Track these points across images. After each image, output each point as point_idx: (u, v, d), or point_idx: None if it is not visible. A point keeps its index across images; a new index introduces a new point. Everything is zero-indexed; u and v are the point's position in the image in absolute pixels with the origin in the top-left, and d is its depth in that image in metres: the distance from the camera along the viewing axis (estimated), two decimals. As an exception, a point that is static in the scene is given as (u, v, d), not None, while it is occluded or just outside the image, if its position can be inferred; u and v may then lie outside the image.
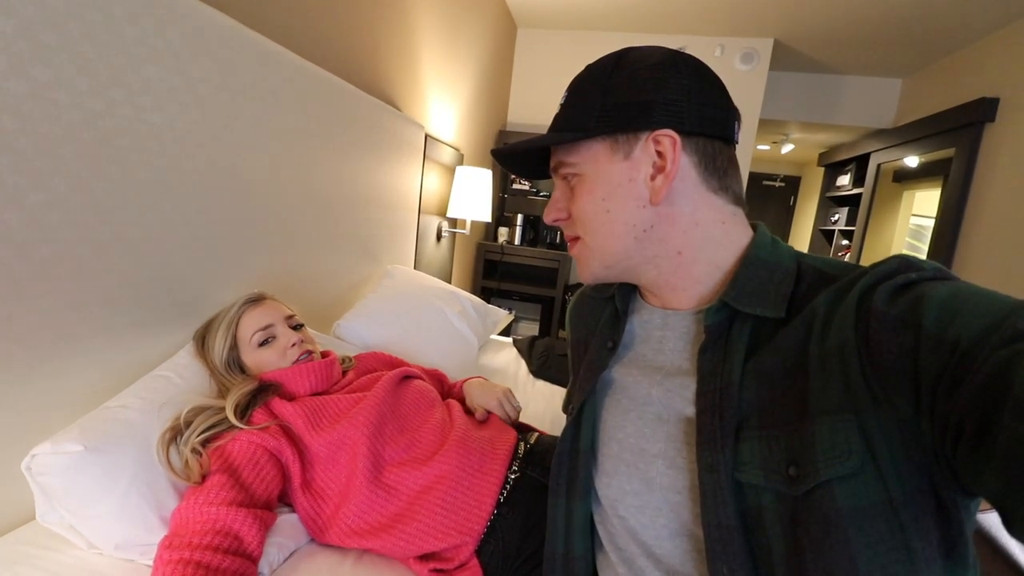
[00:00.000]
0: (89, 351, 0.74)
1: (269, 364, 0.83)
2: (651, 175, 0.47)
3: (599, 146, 0.49)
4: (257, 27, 0.99)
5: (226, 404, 0.74)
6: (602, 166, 0.48)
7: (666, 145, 0.46)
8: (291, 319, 0.89)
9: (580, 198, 0.50)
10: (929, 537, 0.35)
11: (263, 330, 0.84)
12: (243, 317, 0.84)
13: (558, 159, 0.52)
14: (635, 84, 0.47)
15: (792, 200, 5.30)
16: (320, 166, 1.24)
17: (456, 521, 0.70)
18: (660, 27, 2.90)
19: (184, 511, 0.62)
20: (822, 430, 0.38)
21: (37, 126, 0.63)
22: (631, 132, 0.47)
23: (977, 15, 2.30)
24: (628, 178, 0.48)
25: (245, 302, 0.86)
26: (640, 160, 0.47)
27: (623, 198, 0.48)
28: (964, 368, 0.31)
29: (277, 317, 0.86)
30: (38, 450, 0.62)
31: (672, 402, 0.49)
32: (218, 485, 0.65)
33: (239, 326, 0.84)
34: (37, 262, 0.65)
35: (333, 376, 0.88)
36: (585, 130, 0.48)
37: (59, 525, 0.66)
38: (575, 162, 0.50)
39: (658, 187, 0.47)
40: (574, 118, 0.49)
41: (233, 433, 0.72)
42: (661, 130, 0.46)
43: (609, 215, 0.49)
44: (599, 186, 0.49)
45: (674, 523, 0.47)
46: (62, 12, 0.64)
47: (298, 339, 0.85)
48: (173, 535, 0.60)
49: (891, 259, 0.41)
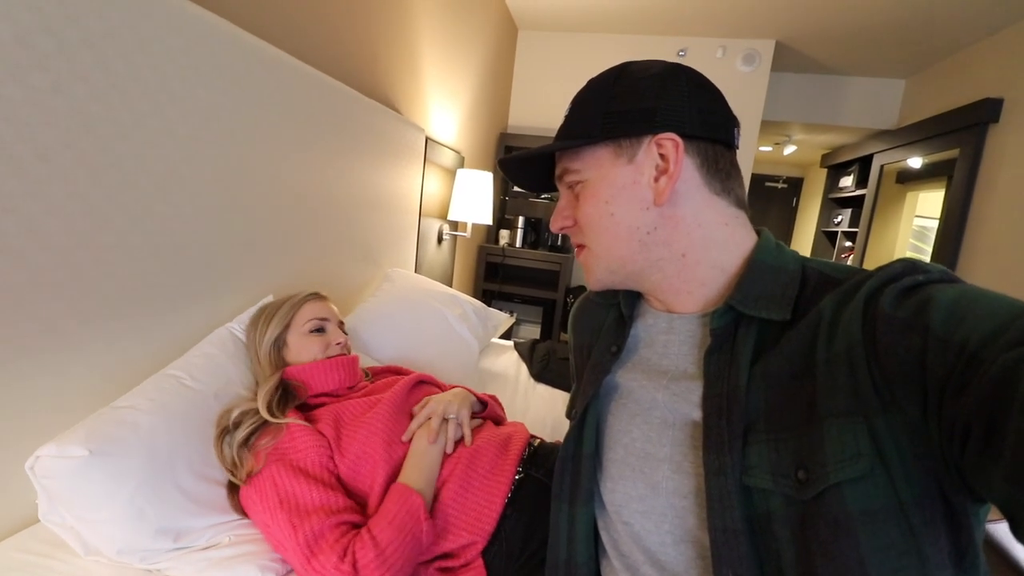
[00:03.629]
0: (89, 356, 0.74)
1: (308, 352, 0.88)
2: (654, 177, 0.48)
3: (603, 151, 0.49)
4: (257, 32, 0.99)
5: (258, 403, 0.77)
6: (606, 170, 0.49)
7: (668, 148, 0.47)
8: (342, 324, 0.97)
9: (585, 203, 0.51)
10: (939, 543, 0.35)
11: (319, 319, 0.91)
12: (306, 304, 0.92)
13: (563, 166, 0.53)
14: (637, 92, 0.48)
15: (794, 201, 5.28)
16: (320, 170, 1.24)
17: (468, 521, 0.71)
18: (661, 29, 2.89)
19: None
20: (831, 433, 0.38)
21: (35, 133, 0.63)
22: (634, 136, 0.48)
23: (980, 15, 2.29)
24: (632, 181, 0.48)
25: (311, 294, 0.95)
26: (643, 163, 0.48)
27: (627, 201, 0.49)
28: (971, 371, 0.31)
29: (332, 316, 0.95)
30: (42, 452, 0.62)
31: (678, 406, 0.49)
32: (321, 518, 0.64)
33: (301, 310, 0.91)
34: (36, 269, 0.65)
35: (355, 375, 0.92)
36: (589, 136, 0.49)
37: (61, 526, 0.65)
38: (579, 168, 0.51)
39: (661, 188, 0.47)
40: (578, 127, 0.50)
41: (277, 431, 0.74)
42: (663, 133, 0.47)
43: (613, 218, 0.49)
44: (603, 190, 0.49)
45: (679, 529, 0.47)
46: (59, 19, 0.64)
47: (344, 340, 0.93)
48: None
49: (896, 262, 0.41)
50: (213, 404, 0.79)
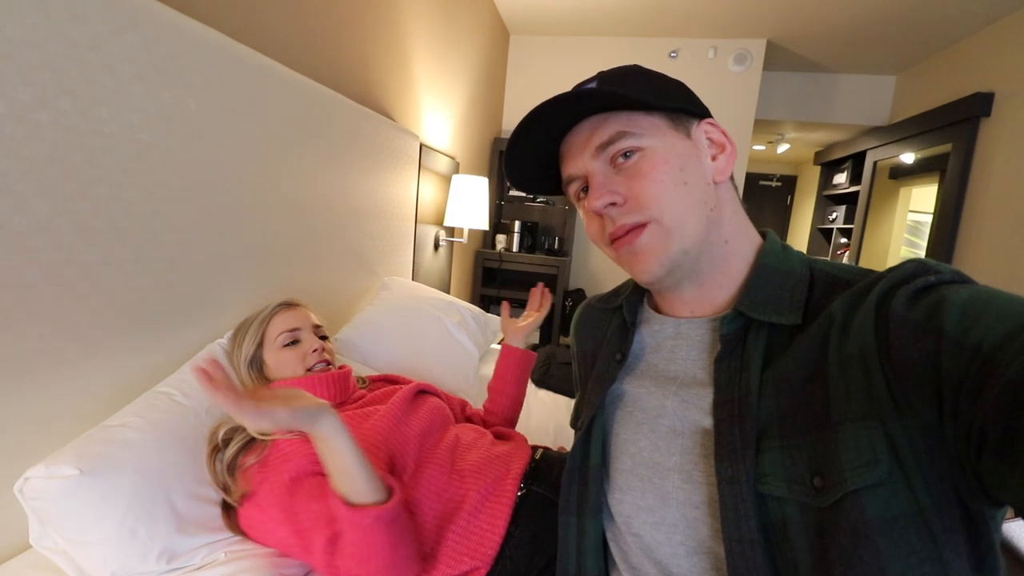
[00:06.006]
0: (80, 374, 0.72)
1: (288, 367, 0.84)
2: (712, 155, 0.49)
3: (660, 121, 0.47)
4: (246, 40, 0.98)
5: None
6: (671, 139, 0.47)
7: (716, 133, 0.49)
8: (318, 329, 0.92)
9: (652, 172, 0.45)
10: (959, 548, 0.35)
11: (290, 332, 0.86)
12: (275, 317, 0.88)
13: (615, 130, 0.46)
14: (671, 86, 0.50)
15: (789, 200, 5.30)
16: (314, 179, 1.22)
17: (470, 546, 0.69)
18: (652, 31, 2.90)
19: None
20: (846, 438, 0.37)
21: (19, 148, 0.62)
22: (684, 117, 0.48)
23: (969, 10, 2.31)
24: (695, 154, 0.48)
25: (279, 304, 0.90)
26: (699, 141, 0.48)
27: (696, 171, 0.47)
28: (987, 373, 0.31)
29: (305, 323, 0.89)
30: (31, 473, 0.61)
31: (688, 413, 0.48)
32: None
33: (269, 324, 0.87)
34: (23, 287, 0.64)
35: (348, 389, 0.88)
36: (646, 103, 0.46)
37: (53, 550, 0.64)
38: (639, 133, 0.45)
39: (722, 166, 0.48)
40: (627, 95, 0.45)
41: (263, 447, 0.71)
42: (708, 119, 0.49)
43: (687, 187, 0.46)
44: (673, 156, 0.46)
45: (691, 540, 0.46)
46: (43, 31, 0.63)
47: (320, 347, 0.87)
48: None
49: (908, 263, 0.40)
50: (205, 420, 0.77)
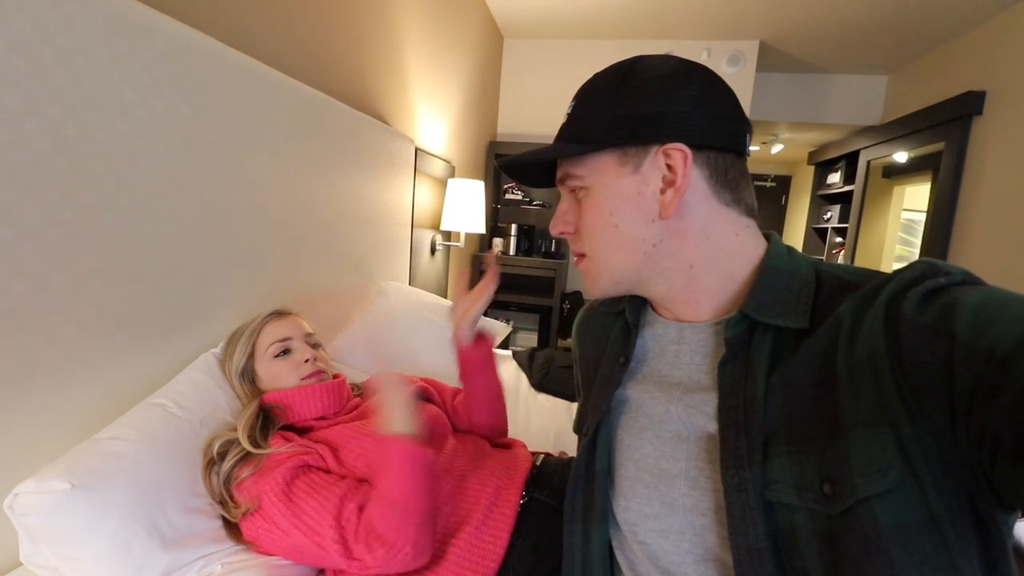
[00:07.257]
0: (70, 386, 0.71)
1: (280, 377, 0.83)
2: (661, 189, 0.45)
3: (607, 158, 0.47)
4: (239, 45, 0.97)
5: (239, 434, 0.73)
6: (610, 179, 0.47)
7: (676, 159, 0.44)
8: (310, 337, 0.90)
9: (587, 213, 0.49)
10: (971, 555, 0.34)
11: (280, 342, 0.85)
12: (265, 327, 0.86)
13: (565, 171, 0.51)
14: (645, 95, 0.45)
15: (783, 199, 5.32)
16: (309, 184, 1.21)
17: (472, 560, 0.68)
18: (645, 33, 2.91)
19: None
20: (857, 444, 0.36)
21: (6, 155, 0.60)
22: (640, 144, 0.45)
23: (959, 9, 2.33)
24: (637, 192, 0.46)
25: (270, 314, 0.88)
26: (649, 173, 0.46)
27: (632, 212, 0.46)
28: (1001, 377, 0.30)
29: (296, 332, 0.87)
30: (21, 488, 0.59)
31: (692, 419, 0.47)
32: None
33: (260, 335, 0.85)
34: (10, 298, 0.62)
35: (342, 398, 0.86)
36: (593, 142, 0.47)
37: (45, 568, 0.62)
38: (582, 175, 0.49)
39: (668, 201, 0.45)
40: (582, 129, 0.48)
41: (258, 460, 0.70)
42: (671, 144, 0.44)
43: (617, 230, 0.47)
44: (606, 200, 0.47)
45: (699, 548, 0.45)
46: (31, 37, 0.61)
47: (312, 355, 0.85)
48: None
49: (916, 264, 0.39)
50: (200, 431, 0.76)
